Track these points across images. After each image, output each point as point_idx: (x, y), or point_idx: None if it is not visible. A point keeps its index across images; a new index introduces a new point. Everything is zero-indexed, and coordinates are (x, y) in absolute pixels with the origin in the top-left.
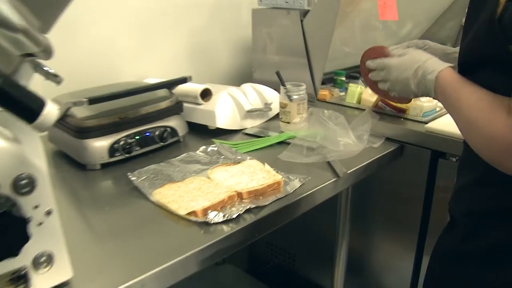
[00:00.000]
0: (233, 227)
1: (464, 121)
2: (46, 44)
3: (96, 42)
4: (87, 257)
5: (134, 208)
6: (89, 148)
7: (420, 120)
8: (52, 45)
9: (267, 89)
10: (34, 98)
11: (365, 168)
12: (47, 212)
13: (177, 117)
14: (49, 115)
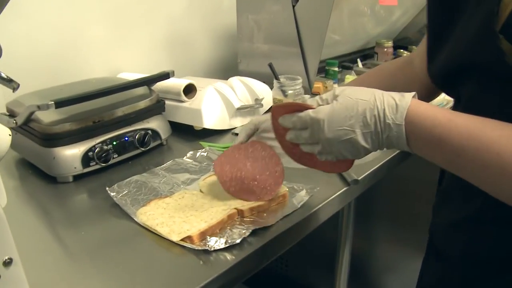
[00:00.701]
0: (237, 255)
1: (491, 167)
2: None
3: (60, 32)
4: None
5: (114, 231)
6: (58, 158)
7: None
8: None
9: (256, 83)
10: None
11: (374, 174)
12: (6, 262)
13: (159, 117)
14: None
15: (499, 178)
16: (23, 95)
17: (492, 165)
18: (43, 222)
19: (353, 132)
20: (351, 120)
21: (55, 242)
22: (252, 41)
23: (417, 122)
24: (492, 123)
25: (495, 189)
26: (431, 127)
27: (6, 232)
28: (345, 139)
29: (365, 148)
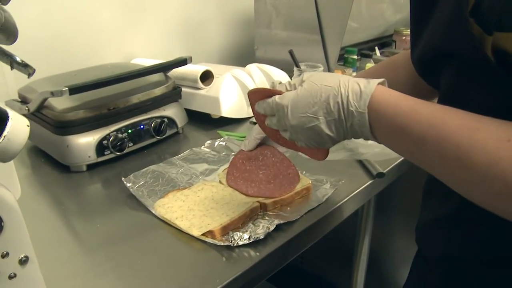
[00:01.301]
0: (261, 251)
1: (449, 159)
2: (6, 22)
3: (73, 16)
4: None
5: (131, 224)
6: (72, 146)
7: None
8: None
9: (275, 70)
10: None
11: (399, 167)
12: (22, 260)
13: (175, 105)
14: (14, 137)
15: (457, 171)
16: (35, 81)
17: (450, 157)
18: (56, 213)
19: (316, 119)
20: (315, 107)
21: (69, 234)
22: (270, 27)
23: (380, 109)
24: (455, 112)
25: (454, 182)
26: (393, 115)
27: (22, 229)
28: (308, 126)
29: (330, 136)
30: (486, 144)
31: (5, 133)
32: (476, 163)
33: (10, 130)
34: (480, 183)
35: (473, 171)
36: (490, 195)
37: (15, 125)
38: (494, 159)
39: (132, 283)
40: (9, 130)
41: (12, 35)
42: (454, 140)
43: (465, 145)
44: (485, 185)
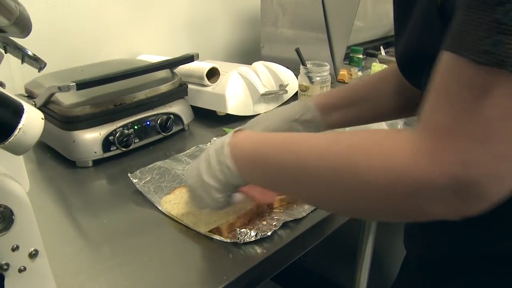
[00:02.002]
0: (268, 248)
1: (329, 175)
2: (21, 15)
3: (79, 12)
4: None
5: (137, 220)
6: (78, 142)
7: None
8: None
9: (281, 68)
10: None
11: None
12: (31, 253)
13: (181, 101)
14: (29, 129)
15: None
16: (41, 76)
17: (303, 178)
18: (62, 208)
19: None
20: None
21: (75, 230)
22: (276, 26)
23: (239, 150)
24: (309, 137)
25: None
26: (253, 149)
27: (32, 223)
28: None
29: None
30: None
31: (20, 125)
32: (372, 168)
33: (25, 123)
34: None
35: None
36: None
37: (30, 117)
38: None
39: (138, 278)
40: (24, 123)
41: (26, 29)
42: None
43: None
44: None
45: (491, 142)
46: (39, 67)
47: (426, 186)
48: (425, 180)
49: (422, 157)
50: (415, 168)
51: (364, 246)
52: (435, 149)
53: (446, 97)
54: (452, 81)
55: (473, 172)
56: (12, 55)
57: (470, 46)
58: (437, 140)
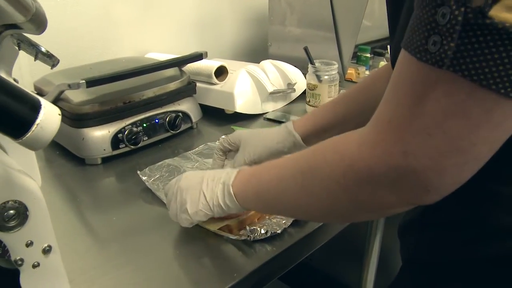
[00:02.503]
0: (278, 246)
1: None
2: (37, 12)
3: (88, 10)
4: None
5: (146, 217)
6: (88, 139)
7: None
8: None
9: (289, 67)
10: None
11: None
12: (45, 249)
13: (190, 100)
14: (47, 125)
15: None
16: (50, 73)
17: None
18: (71, 205)
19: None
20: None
21: (85, 227)
22: (284, 24)
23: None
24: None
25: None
26: (248, 182)
27: (46, 219)
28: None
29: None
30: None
31: (38, 121)
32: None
33: (43, 118)
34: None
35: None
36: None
37: (48, 113)
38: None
39: (148, 275)
40: (42, 118)
41: (41, 25)
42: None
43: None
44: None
45: (429, 135)
46: (52, 64)
47: (370, 174)
48: (368, 169)
49: (365, 148)
50: (359, 158)
51: (371, 245)
52: (377, 139)
53: (393, 91)
54: (400, 76)
55: (410, 161)
56: (25, 52)
57: (415, 44)
58: (380, 131)
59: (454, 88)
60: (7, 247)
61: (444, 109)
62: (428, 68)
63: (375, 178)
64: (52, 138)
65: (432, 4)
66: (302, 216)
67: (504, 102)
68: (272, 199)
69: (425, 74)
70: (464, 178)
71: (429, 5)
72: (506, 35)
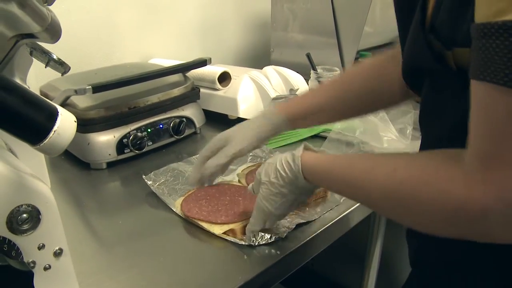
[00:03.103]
0: (282, 250)
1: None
2: (52, 21)
3: (92, 16)
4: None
5: (152, 221)
6: (93, 144)
7: None
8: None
9: (291, 73)
10: (40, 106)
11: None
12: (56, 252)
13: (194, 105)
14: (63, 132)
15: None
16: (56, 79)
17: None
18: (77, 210)
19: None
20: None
21: (91, 231)
22: (287, 30)
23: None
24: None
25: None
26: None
27: (57, 222)
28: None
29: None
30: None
31: (55, 127)
32: (428, 198)
33: (60, 125)
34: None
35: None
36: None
37: (64, 120)
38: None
39: (154, 278)
40: (58, 125)
41: (56, 34)
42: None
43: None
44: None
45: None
46: (63, 70)
47: (485, 214)
48: (481, 209)
49: (476, 188)
50: (471, 198)
51: (372, 250)
52: (486, 178)
53: (489, 126)
54: (489, 109)
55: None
56: (37, 59)
57: (500, 71)
58: (487, 169)
59: None
60: (20, 250)
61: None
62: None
63: (489, 217)
64: (68, 144)
65: (508, 31)
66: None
67: None
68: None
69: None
70: None
71: (503, 32)
72: None
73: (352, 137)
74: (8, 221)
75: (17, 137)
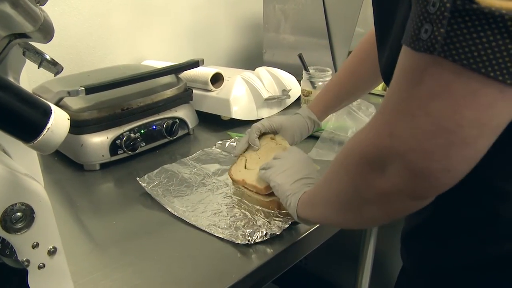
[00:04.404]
0: (276, 248)
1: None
2: (45, 21)
3: (85, 18)
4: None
5: (146, 221)
6: (87, 145)
7: None
8: (52, 22)
9: (283, 73)
10: (34, 104)
11: None
12: (50, 251)
13: (187, 106)
14: (57, 129)
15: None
16: (49, 81)
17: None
18: (71, 210)
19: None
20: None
21: (85, 231)
22: (279, 32)
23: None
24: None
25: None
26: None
27: (51, 221)
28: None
29: None
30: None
31: (49, 125)
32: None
33: (53, 123)
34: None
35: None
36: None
37: (58, 118)
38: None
39: (149, 277)
40: (52, 123)
41: (49, 34)
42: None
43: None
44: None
45: (413, 116)
46: (56, 71)
47: (363, 157)
48: (361, 151)
49: (362, 133)
50: (358, 142)
51: (365, 250)
52: (371, 124)
53: (392, 83)
54: (398, 69)
55: (395, 143)
56: (29, 60)
57: (409, 35)
58: (375, 117)
59: (441, 71)
60: (14, 248)
61: (430, 91)
62: (420, 55)
63: (368, 160)
64: (61, 141)
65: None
66: (329, 213)
67: (492, 84)
68: (314, 199)
69: (417, 61)
70: (456, 166)
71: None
72: (492, 19)
73: (344, 136)
74: (2, 220)
75: (11, 135)
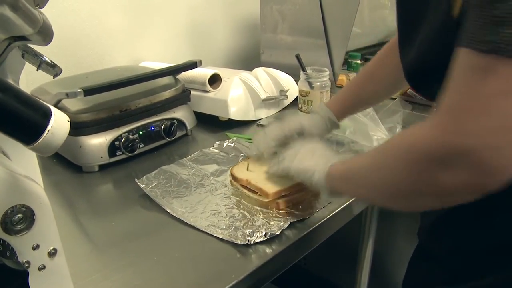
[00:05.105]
0: (275, 248)
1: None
2: (44, 24)
3: (83, 20)
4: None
5: (145, 222)
6: (85, 147)
7: None
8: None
9: (281, 74)
10: (34, 106)
11: None
12: (50, 252)
13: (185, 107)
14: (57, 131)
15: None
16: (47, 83)
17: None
18: (70, 212)
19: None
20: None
21: (84, 233)
22: (276, 32)
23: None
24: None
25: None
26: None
27: (51, 222)
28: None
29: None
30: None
31: (49, 127)
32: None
33: (53, 125)
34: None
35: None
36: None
37: (58, 120)
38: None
39: (149, 278)
40: (52, 125)
41: (48, 37)
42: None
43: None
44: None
45: (486, 115)
46: (55, 73)
47: (429, 153)
48: (427, 148)
49: (426, 130)
50: (421, 138)
51: (364, 248)
52: (436, 122)
53: (453, 82)
54: (460, 69)
55: (464, 140)
56: (28, 62)
57: (474, 38)
58: (442, 116)
59: (508, 70)
60: (14, 250)
61: (497, 89)
62: (487, 56)
63: (433, 157)
64: (62, 143)
65: (489, 1)
66: (373, 195)
67: None
68: (352, 177)
69: (484, 62)
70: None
71: (485, 3)
72: None
73: (342, 136)
74: (2, 222)
75: (12, 137)
